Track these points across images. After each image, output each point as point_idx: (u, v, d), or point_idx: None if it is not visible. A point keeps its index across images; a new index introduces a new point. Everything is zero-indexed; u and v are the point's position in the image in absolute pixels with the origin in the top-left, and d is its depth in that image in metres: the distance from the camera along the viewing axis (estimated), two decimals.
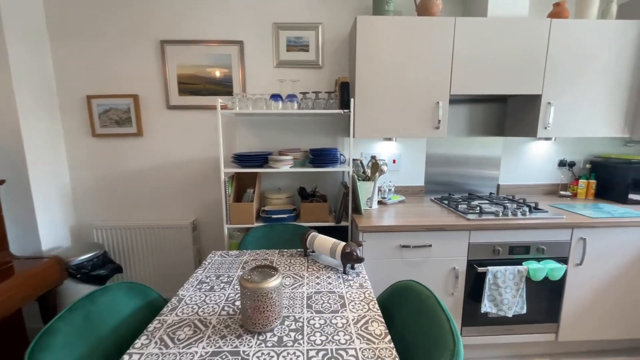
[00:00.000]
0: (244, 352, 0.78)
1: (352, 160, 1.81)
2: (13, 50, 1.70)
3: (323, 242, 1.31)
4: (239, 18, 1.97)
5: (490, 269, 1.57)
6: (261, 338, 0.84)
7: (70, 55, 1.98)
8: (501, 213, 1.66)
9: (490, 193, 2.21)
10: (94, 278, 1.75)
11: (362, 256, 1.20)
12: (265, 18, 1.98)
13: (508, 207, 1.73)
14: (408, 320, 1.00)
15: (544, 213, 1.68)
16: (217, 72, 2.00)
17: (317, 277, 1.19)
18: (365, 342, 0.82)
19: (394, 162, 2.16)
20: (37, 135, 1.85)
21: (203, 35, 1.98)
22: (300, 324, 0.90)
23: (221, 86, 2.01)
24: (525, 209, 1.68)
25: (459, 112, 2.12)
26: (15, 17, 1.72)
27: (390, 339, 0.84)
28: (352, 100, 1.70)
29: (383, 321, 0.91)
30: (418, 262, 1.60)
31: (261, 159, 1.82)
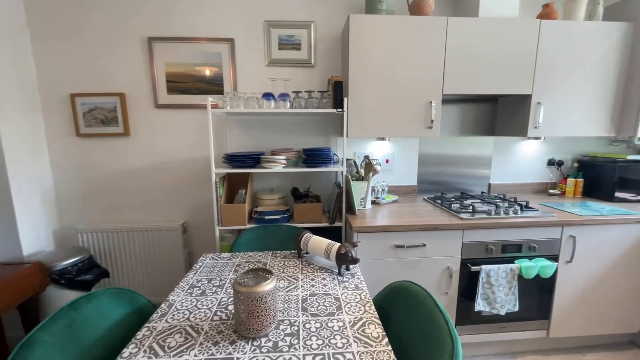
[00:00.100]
0: (237, 359, 0.76)
1: (346, 160, 1.80)
2: None
3: (317, 244, 1.29)
4: (230, 15, 1.93)
5: (483, 267, 1.58)
6: (256, 344, 0.81)
7: (52, 52, 1.90)
8: (493, 212, 1.67)
9: (482, 192, 2.23)
10: (79, 283, 1.68)
11: (357, 257, 1.19)
12: (257, 15, 1.94)
13: (500, 206, 1.74)
14: (405, 321, 0.99)
15: (535, 212, 1.70)
16: (207, 71, 1.95)
17: (311, 279, 1.17)
18: (363, 345, 0.81)
19: (387, 161, 2.16)
20: (16, 134, 1.76)
21: (192, 33, 1.93)
22: (296, 328, 0.88)
23: (211, 85, 1.97)
24: (516, 208, 1.70)
25: (450, 112, 2.13)
26: None
27: (387, 341, 0.82)
28: (345, 99, 1.68)
29: (380, 323, 0.90)
30: (412, 262, 1.60)
31: (253, 159, 1.79)
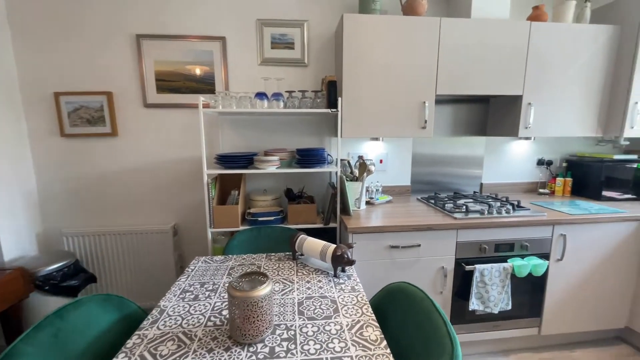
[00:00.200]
0: None
1: (340, 160, 1.78)
2: None
3: (312, 245, 1.27)
4: (221, 13, 1.90)
5: (477, 267, 1.59)
6: (252, 350, 0.79)
7: (35, 49, 1.83)
8: (486, 211, 1.68)
9: (475, 192, 2.25)
10: (64, 289, 1.62)
11: (353, 259, 1.17)
12: (249, 14, 1.91)
13: (492, 205, 1.76)
14: (403, 323, 0.98)
15: (526, 211, 1.73)
16: (197, 69, 1.91)
17: (307, 282, 1.15)
18: (361, 348, 0.79)
19: (380, 162, 2.16)
20: None
21: (183, 30, 1.89)
22: (293, 332, 0.86)
23: (202, 84, 1.93)
24: (508, 207, 1.72)
25: (443, 112, 2.14)
26: None
27: (386, 344, 0.81)
28: (339, 99, 1.67)
29: (378, 326, 0.89)
30: (407, 262, 1.60)
31: (246, 160, 1.76)
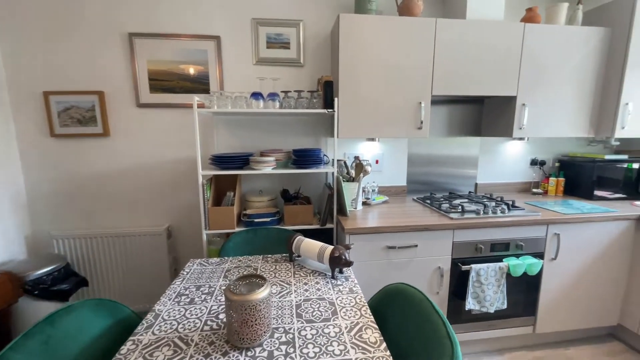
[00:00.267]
0: None
1: (337, 160, 1.78)
2: None
3: (310, 246, 1.26)
4: (216, 12, 1.87)
5: (473, 266, 1.60)
6: (250, 354, 0.78)
7: (23, 47, 1.78)
8: (482, 211, 1.69)
9: (470, 192, 2.27)
10: (55, 294, 1.58)
11: (351, 260, 1.17)
12: (244, 13, 1.89)
13: (488, 205, 1.77)
14: (401, 325, 0.98)
15: (521, 210, 1.74)
16: (192, 69, 1.89)
17: (304, 284, 1.14)
18: (361, 351, 0.79)
19: (376, 162, 2.16)
20: None
21: (177, 29, 1.86)
22: (291, 335, 0.85)
23: (197, 83, 1.90)
24: (503, 207, 1.73)
25: (438, 113, 2.15)
26: None
27: (386, 346, 0.81)
28: (335, 99, 1.66)
29: (377, 328, 0.88)
30: (404, 263, 1.60)
31: (241, 161, 1.74)
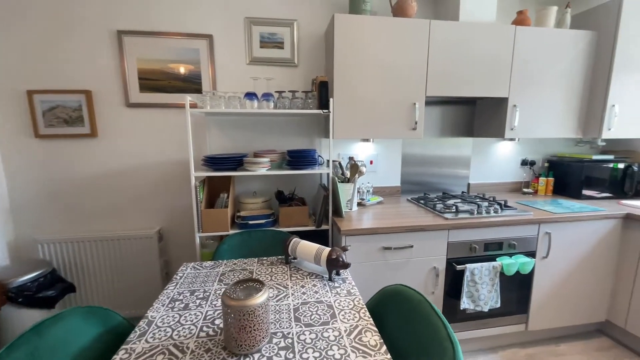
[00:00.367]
0: None
1: (332, 161, 1.77)
2: None
3: (306, 249, 1.24)
4: (208, 10, 1.84)
5: (468, 266, 1.62)
6: None
7: (4, 44, 1.71)
8: (475, 211, 1.71)
9: (463, 192, 2.29)
10: (40, 301, 1.52)
11: (348, 262, 1.16)
12: (237, 11, 1.87)
13: (481, 205, 1.79)
14: (400, 327, 0.97)
15: (513, 210, 1.77)
16: (184, 68, 1.85)
17: (302, 287, 1.13)
18: (362, 355, 0.78)
19: (371, 163, 2.16)
20: None
21: (168, 27, 1.82)
22: (290, 340, 0.83)
23: (189, 83, 1.86)
24: (496, 207, 1.75)
25: (431, 114, 2.17)
26: None
27: (386, 349, 0.80)
28: (331, 100, 1.65)
29: (377, 330, 0.87)
30: (400, 264, 1.60)
31: (235, 162, 1.71)
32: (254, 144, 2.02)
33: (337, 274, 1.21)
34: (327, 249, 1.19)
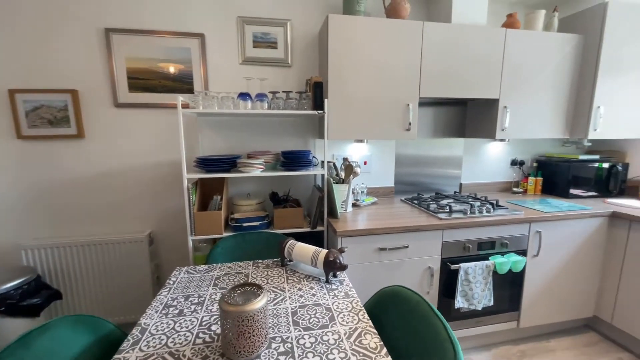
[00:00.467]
0: None
1: (327, 162, 1.76)
2: None
3: (303, 251, 1.23)
4: (200, 9, 1.81)
5: (462, 265, 1.63)
6: None
7: None
8: (468, 211, 1.73)
9: (455, 192, 2.32)
10: (24, 309, 1.45)
11: (345, 263, 1.15)
12: (229, 10, 1.84)
13: (474, 205, 1.81)
14: (399, 328, 0.97)
15: (505, 210, 1.80)
16: (175, 67, 1.81)
17: (299, 289, 1.11)
18: (362, 358, 0.77)
19: (365, 163, 2.16)
20: None
21: (158, 26, 1.77)
22: (289, 344, 0.82)
23: (180, 82, 1.82)
24: (489, 207, 1.78)
25: (424, 114, 2.19)
26: None
27: (386, 351, 0.79)
28: (326, 100, 1.65)
29: (376, 332, 0.87)
30: (396, 264, 1.61)
31: (228, 163, 1.68)
32: (247, 144, 1.99)
33: (334, 275, 1.20)
34: (324, 251, 1.18)
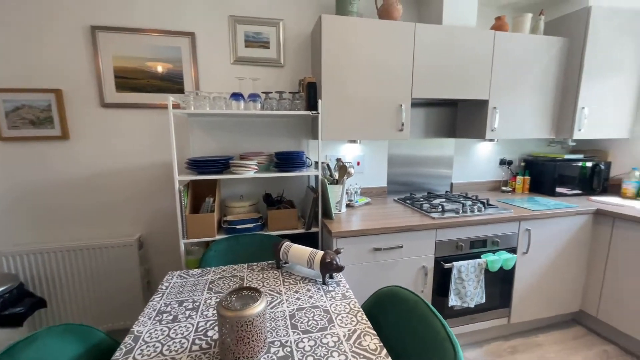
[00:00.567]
0: None
1: (321, 163, 1.75)
2: None
3: (298, 252, 1.22)
4: (190, 7, 1.77)
5: (455, 264, 1.65)
6: None
7: None
8: (460, 210, 1.76)
9: (446, 191, 2.35)
10: (7, 319, 1.39)
11: (342, 264, 1.15)
12: (221, 9, 1.81)
13: (465, 204, 1.84)
14: (398, 328, 0.97)
15: (495, 208, 1.83)
16: (163, 67, 1.76)
17: (295, 292, 1.10)
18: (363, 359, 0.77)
19: (358, 164, 2.16)
20: None
21: (147, 24, 1.73)
22: (289, 348, 0.81)
23: (170, 82, 1.78)
24: (480, 206, 1.81)
25: (416, 115, 2.21)
26: None
27: (386, 352, 0.79)
28: (320, 101, 1.64)
29: (375, 334, 0.87)
30: (391, 264, 1.61)
31: (221, 165, 1.65)
32: (240, 145, 1.96)
33: (331, 277, 1.19)
34: (321, 253, 1.17)
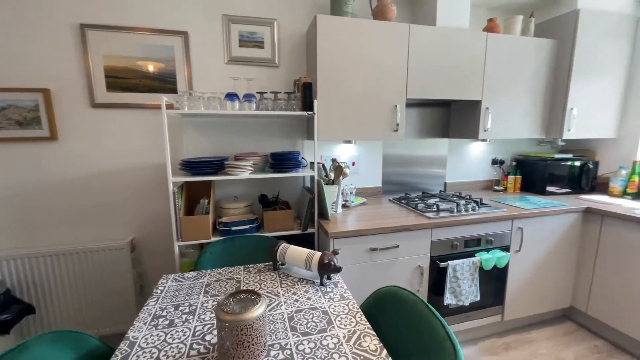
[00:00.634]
0: None
1: (317, 163, 1.74)
2: None
3: (296, 254, 1.21)
4: (183, 6, 1.74)
5: (450, 263, 1.67)
6: None
7: None
8: (455, 210, 1.78)
9: (440, 191, 2.37)
10: None
11: (340, 265, 1.15)
12: (214, 8, 1.78)
13: (459, 203, 1.86)
14: (398, 329, 0.97)
15: (488, 207, 1.86)
16: (155, 66, 1.73)
17: (293, 293, 1.10)
18: None
19: (353, 164, 2.17)
20: None
21: (139, 22, 1.69)
22: (289, 351, 0.80)
23: (162, 82, 1.75)
24: (474, 205, 1.83)
25: (410, 115, 2.22)
26: None
27: (387, 353, 0.79)
28: (315, 101, 1.63)
29: (375, 334, 0.87)
30: (387, 264, 1.62)
31: (216, 166, 1.63)
32: (235, 146, 1.94)
33: (329, 278, 1.19)
34: (318, 254, 1.17)
